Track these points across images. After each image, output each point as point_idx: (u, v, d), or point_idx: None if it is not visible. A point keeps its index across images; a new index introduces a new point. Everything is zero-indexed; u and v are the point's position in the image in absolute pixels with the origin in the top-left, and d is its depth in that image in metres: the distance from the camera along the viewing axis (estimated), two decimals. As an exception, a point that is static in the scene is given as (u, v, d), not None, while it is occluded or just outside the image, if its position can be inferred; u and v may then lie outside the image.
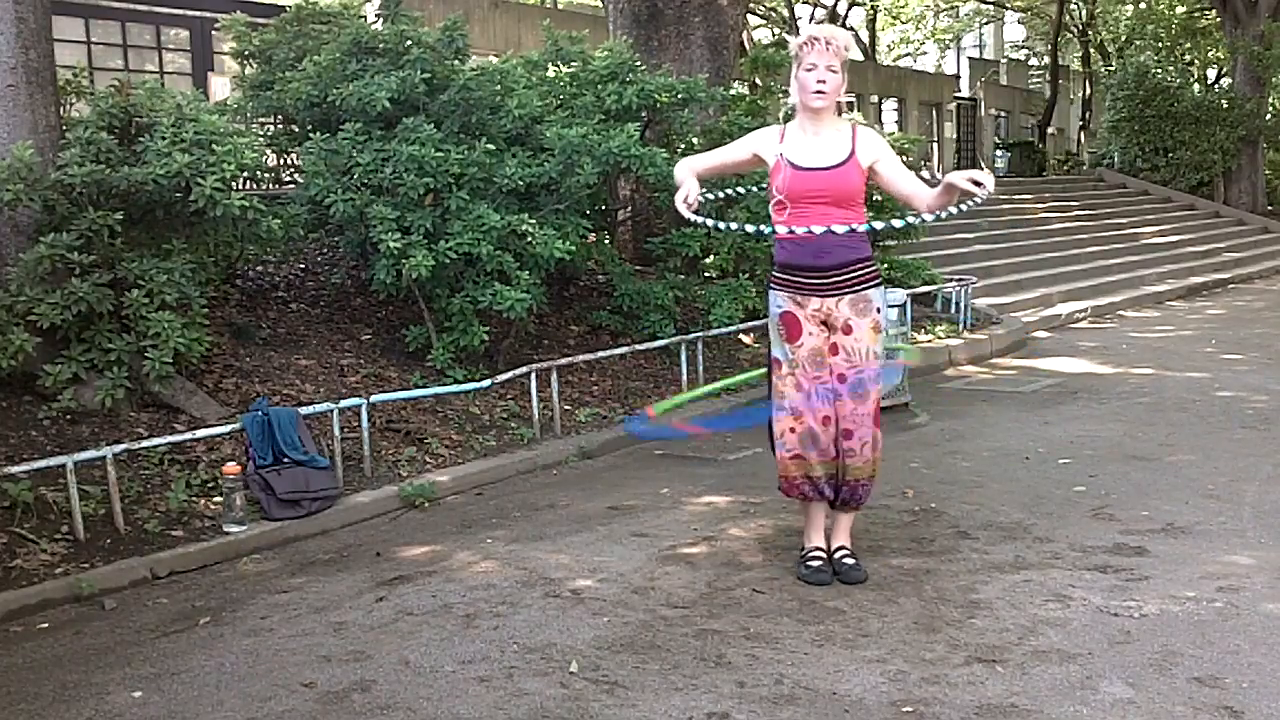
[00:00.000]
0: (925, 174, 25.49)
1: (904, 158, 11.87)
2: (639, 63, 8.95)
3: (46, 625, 4.41)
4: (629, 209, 9.97)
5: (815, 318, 4.39)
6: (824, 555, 4.56)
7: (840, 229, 4.16)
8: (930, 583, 4.43)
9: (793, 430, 4.44)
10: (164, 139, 5.91)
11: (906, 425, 7.49)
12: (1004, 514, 5.34)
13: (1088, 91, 34.26)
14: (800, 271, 4.36)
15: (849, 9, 30.67)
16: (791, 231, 4.23)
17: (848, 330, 4.38)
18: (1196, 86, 25.49)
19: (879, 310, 4.46)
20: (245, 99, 8.28)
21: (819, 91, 4.27)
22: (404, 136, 7.27)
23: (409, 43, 7.71)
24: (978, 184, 4.02)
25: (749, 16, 20.08)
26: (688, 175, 4.43)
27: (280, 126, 8.52)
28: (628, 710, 3.44)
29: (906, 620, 4.07)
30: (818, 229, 4.13)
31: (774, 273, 4.49)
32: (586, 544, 5.09)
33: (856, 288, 4.38)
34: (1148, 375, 9.21)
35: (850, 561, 4.53)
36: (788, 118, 4.46)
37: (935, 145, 27.80)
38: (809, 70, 4.29)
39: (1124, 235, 18.51)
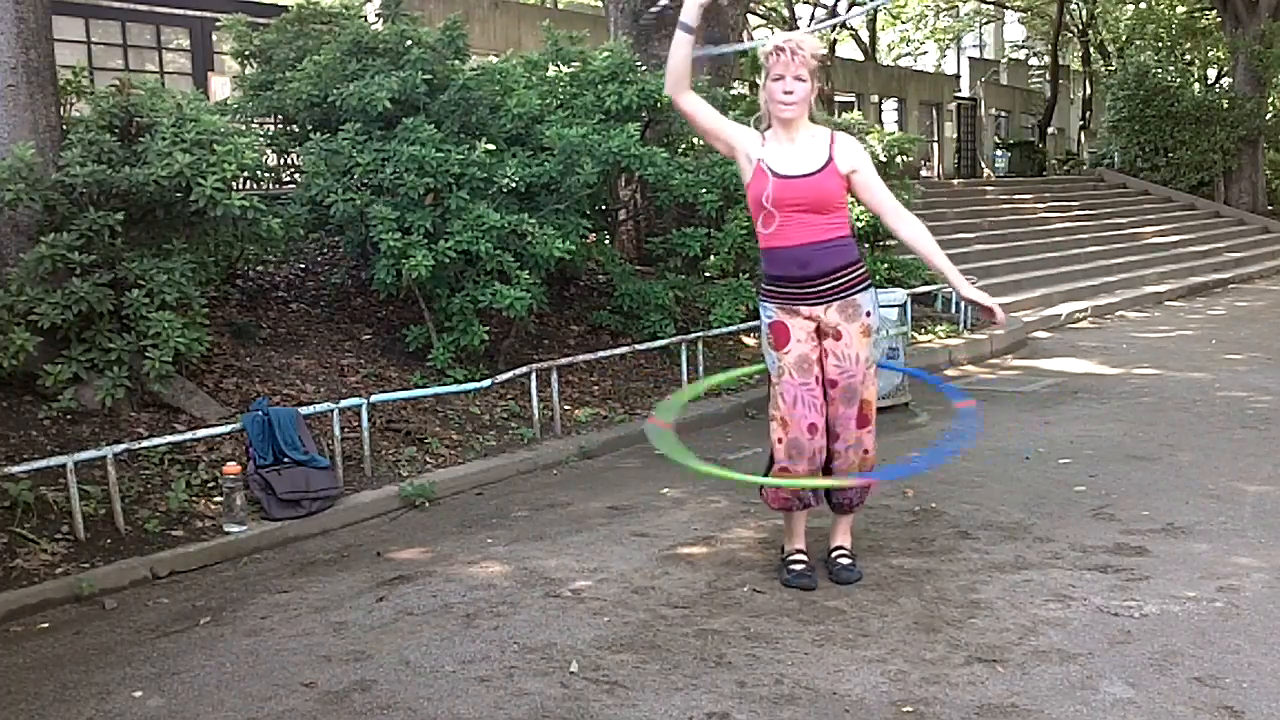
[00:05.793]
0: (926, 173, 25.51)
1: (904, 158, 11.92)
2: (639, 63, 8.95)
3: (47, 625, 4.42)
4: (629, 209, 9.96)
5: (805, 326, 4.39)
6: (805, 558, 4.55)
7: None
8: (930, 583, 4.43)
9: (780, 441, 4.40)
10: (165, 139, 5.91)
11: (906, 425, 7.49)
12: (1004, 514, 5.34)
13: (1088, 91, 34.28)
14: (786, 282, 4.36)
15: (849, 9, 30.63)
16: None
17: (837, 336, 4.37)
18: (1196, 86, 25.48)
19: (869, 314, 4.43)
20: (245, 99, 8.29)
21: (786, 102, 4.23)
22: (404, 136, 7.28)
23: (409, 43, 7.72)
24: (989, 313, 4.35)
25: (749, 16, 20.08)
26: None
27: (280, 126, 8.52)
28: (628, 710, 3.44)
29: (907, 620, 4.07)
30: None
31: (763, 285, 4.50)
32: (587, 544, 5.09)
33: (845, 293, 4.35)
34: (1148, 375, 9.21)
35: (845, 562, 4.53)
36: (758, 126, 4.42)
37: (935, 145, 27.79)
38: (776, 80, 4.24)
39: (1124, 235, 18.51)
